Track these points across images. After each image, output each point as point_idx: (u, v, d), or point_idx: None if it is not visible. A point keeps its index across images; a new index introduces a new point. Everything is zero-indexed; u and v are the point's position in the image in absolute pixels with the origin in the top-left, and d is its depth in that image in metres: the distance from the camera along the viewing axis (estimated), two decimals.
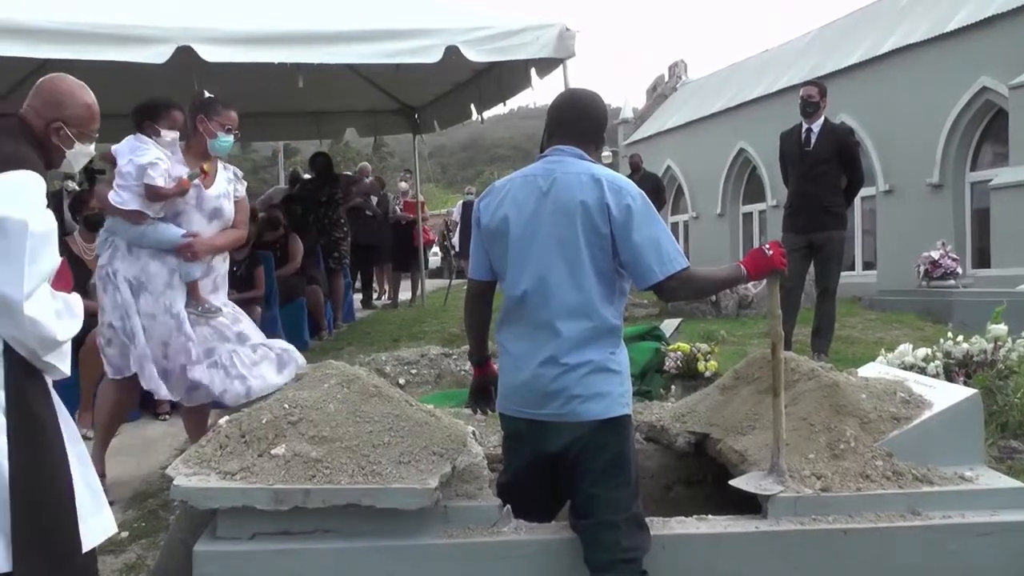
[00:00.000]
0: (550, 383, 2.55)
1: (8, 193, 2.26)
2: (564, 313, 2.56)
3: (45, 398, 2.33)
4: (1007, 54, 10.54)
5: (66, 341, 2.35)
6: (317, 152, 10.37)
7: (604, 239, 2.55)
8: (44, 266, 2.26)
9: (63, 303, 2.35)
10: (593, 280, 2.56)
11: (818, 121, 6.34)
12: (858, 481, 2.75)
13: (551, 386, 2.55)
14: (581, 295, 2.56)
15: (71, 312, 2.38)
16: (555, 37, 6.08)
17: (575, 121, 2.73)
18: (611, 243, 2.55)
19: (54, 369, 2.35)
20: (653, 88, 22.62)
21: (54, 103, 2.54)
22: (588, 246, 2.55)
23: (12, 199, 2.24)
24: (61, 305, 2.34)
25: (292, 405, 2.71)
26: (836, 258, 6.38)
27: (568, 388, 2.54)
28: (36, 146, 2.48)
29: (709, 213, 17.73)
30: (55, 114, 2.53)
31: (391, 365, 5.84)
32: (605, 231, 2.54)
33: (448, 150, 57.33)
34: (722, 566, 2.63)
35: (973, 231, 11.63)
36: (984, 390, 3.99)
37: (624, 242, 2.54)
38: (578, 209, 2.55)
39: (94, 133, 2.64)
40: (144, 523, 3.80)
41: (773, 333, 2.86)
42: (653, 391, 5.14)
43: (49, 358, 2.30)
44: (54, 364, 2.33)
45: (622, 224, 2.53)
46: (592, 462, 2.55)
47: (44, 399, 2.33)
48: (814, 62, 14.91)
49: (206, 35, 5.23)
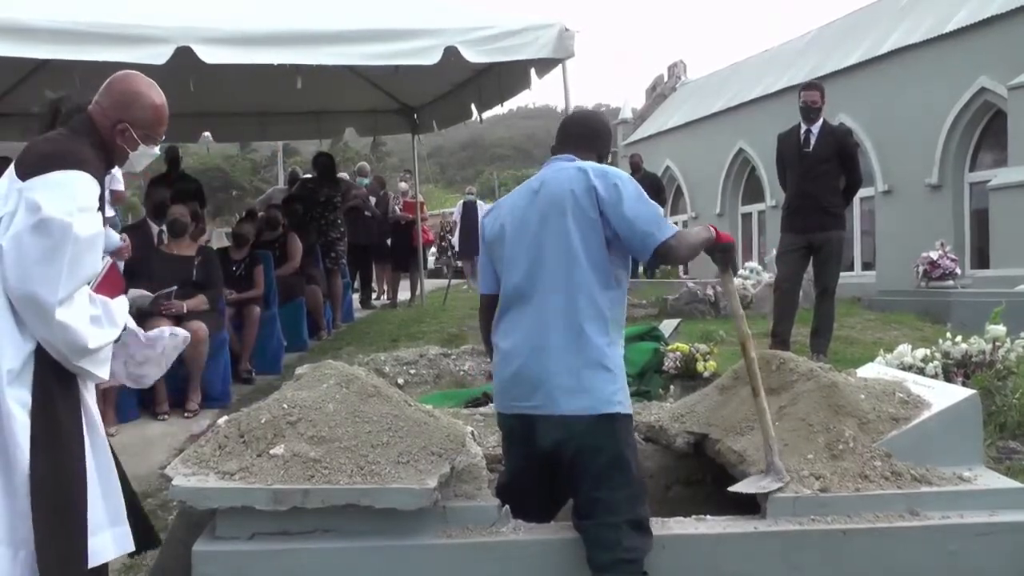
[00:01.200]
0: (538, 371, 2.58)
1: (56, 193, 2.20)
2: (554, 300, 2.60)
3: (72, 404, 2.28)
4: (1006, 54, 10.54)
5: (100, 348, 2.29)
6: (320, 152, 10.38)
7: (595, 223, 2.60)
8: (84, 271, 2.21)
9: (102, 309, 2.30)
10: (585, 267, 2.60)
11: (817, 123, 6.35)
12: (857, 481, 2.76)
13: (539, 374, 2.57)
14: (571, 283, 2.59)
15: (111, 319, 2.33)
16: (554, 37, 6.08)
17: (575, 134, 2.86)
18: (603, 227, 2.60)
19: (89, 374, 2.30)
20: (652, 88, 22.61)
21: (122, 103, 2.46)
22: (579, 231, 2.60)
23: (59, 199, 2.19)
24: (99, 311, 2.28)
25: (291, 405, 2.70)
26: (835, 258, 6.38)
27: (554, 376, 2.55)
28: (100, 146, 2.43)
29: (708, 213, 17.72)
30: (122, 115, 2.45)
31: (390, 365, 5.84)
32: (594, 215, 2.59)
33: (447, 150, 57.29)
34: (721, 566, 2.63)
35: (972, 231, 11.63)
36: (983, 391, 3.99)
37: (617, 218, 2.58)
38: (567, 198, 2.62)
39: (160, 135, 2.58)
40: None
41: (740, 333, 2.92)
42: (652, 391, 5.14)
43: (83, 363, 2.26)
44: (88, 369, 2.28)
45: (613, 202, 2.58)
46: (589, 463, 2.55)
47: (71, 405, 2.27)
48: (813, 62, 14.91)
49: (205, 35, 5.23)
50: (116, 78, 2.52)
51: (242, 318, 6.62)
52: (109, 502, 2.37)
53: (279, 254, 7.75)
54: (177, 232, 5.99)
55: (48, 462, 2.18)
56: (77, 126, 2.43)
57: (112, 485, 2.41)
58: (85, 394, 2.35)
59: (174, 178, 8.62)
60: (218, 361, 5.89)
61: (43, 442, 2.18)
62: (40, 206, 2.17)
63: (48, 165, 2.25)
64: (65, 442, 2.24)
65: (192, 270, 5.87)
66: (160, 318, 5.48)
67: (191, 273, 5.85)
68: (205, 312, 5.74)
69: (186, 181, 8.60)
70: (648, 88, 22.90)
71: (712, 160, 17.32)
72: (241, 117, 10.26)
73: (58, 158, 2.27)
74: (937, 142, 11.73)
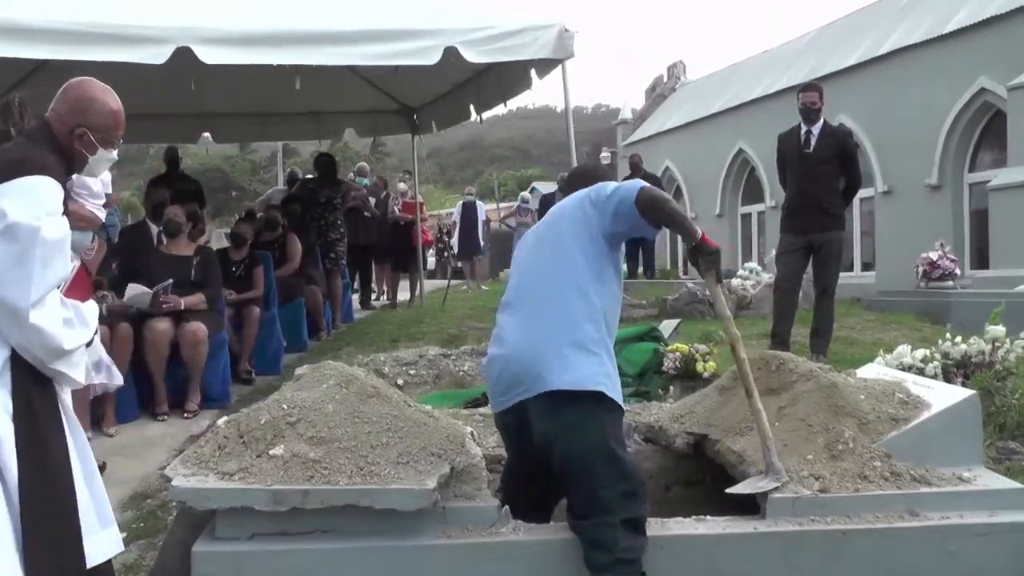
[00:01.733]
0: (527, 360, 2.64)
1: (22, 199, 2.23)
2: (547, 295, 2.72)
3: (51, 408, 2.30)
4: (1006, 55, 10.54)
5: (74, 350, 2.31)
6: (322, 153, 10.37)
7: (586, 215, 2.75)
8: (55, 274, 2.23)
9: (74, 312, 2.32)
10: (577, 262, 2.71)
11: (818, 123, 6.35)
12: (856, 482, 2.76)
13: (529, 362, 2.63)
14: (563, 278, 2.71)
15: (82, 321, 2.35)
16: (554, 38, 6.08)
17: (579, 174, 3.17)
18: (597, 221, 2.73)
19: (64, 377, 2.32)
20: (652, 88, 22.61)
21: (79, 109, 2.49)
22: (572, 229, 2.75)
23: (26, 205, 2.21)
24: (71, 314, 2.30)
25: (290, 406, 2.70)
26: (835, 259, 6.39)
27: (541, 362, 2.61)
28: (59, 151, 2.45)
29: (708, 214, 17.72)
30: (79, 119, 2.48)
31: (389, 366, 5.83)
32: (587, 210, 2.76)
33: (447, 151, 57.28)
34: (721, 567, 2.63)
35: (972, 232, 11.63)
36: (982, 391, 3.99)
37: (609, 199, 2.73)
38: (566, 209, 2.84)
39: (118, 139, 2.60)
40: (143, 524, 3.80)
41: (730, 335, 2.94)
42: (652, 392, 5.14)
43: (57, 366, 2.27)
44: (63, 372, 2.30)
45: (606, 195, 2.73)
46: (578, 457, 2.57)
47: (50, 409, 2.29)
48: (813, 63, 14.91)
49: (205, 36, 5.23)
50: (72, 84, 2.56)
51: (242, 319, 6.62)
52: (97, 504, 2.38)
53: (279, 255, 7.75)
54: (171, 232, 6.02)
55: (34, 467, 2.20)
56: (35, 134, 2.47)
57: (97, 487, 2.42)
58: (63, 397, 2.38)
59: (174, 179, 8.64)
60: (218, 362, 5.89)
61: (27, 447, 2.20)
62: (6, 212, 2.20)
63: (11, 172, 2.28)
64: (49, 447, 2.25)
65: (191, 270, 5.89)
66: (162, 319, 5.49)
67: (189, 273, 5.86)
68: (204, 312, 5.75)
69: (186, 182, 8.61)
70: (648, 88, 22.91)
71: (712, 160, 17.33)
72: (241, 117, 10.27)
73: (21, 165, 2.30)
74: (937, 142, 11.73)
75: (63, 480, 2.26)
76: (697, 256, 2.79)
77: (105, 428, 5.20)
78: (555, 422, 2.59)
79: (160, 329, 5.45)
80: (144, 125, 10.17)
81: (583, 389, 2.58)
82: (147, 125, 10.18)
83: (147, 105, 9.23)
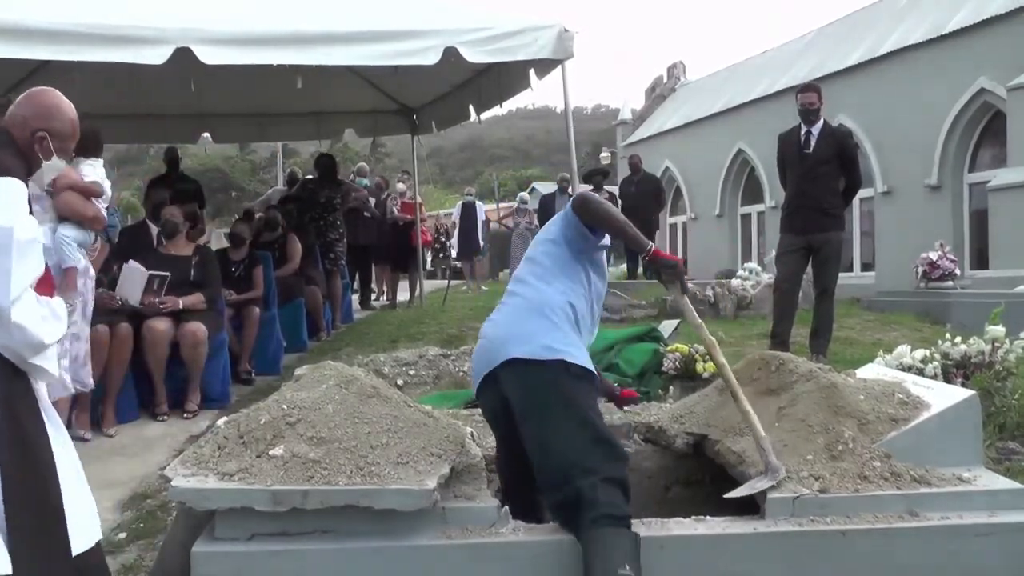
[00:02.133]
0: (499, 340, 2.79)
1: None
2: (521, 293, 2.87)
3: (31, 403, 2.34)
4: (1006, 55, 10.55)
5: (52, 344, 2.36)
6: (323, 153, 10.37)
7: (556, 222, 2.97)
8: (29, 272, 2.27)
9: (48, 308, 2.36)
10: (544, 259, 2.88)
11: (818, 124, 6.35)
12: (856, 482, 2.76)
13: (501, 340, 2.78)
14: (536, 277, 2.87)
15: (56, 316, 2.39)
16: (554, 38, 6.08)
17: None
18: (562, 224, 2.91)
19: (41, 371, 2.36)
20: (652, 89, 22.60)
21: (43, 115, 2.58)
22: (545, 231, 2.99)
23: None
24: (46, 310, 2.35)
25: (290, 406, 2.70)
26: (834, 259, 6.39)
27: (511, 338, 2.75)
28: (18, 155, 2.50)
29: (708, 214, 17.73)
30: (42, 124, 2.56)
31: (389, 366, 5.84)
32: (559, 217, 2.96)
33: (446, 151, 57.30)
34: (720, 567, 2.63)
35: (971, 232, 11.64)
36: (982, 391, 3.99)
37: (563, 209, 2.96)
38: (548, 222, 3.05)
39: (70, 151, 2.71)
40: (142, 524, 3.79)
41: (706, 342, 3.02)
42: (651, 392, 5.14)
43: (35, 360, 2.31)
44: (41, 366, 2.34)
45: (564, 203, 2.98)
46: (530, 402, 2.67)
47: (30, 405, 2.33)
48: (813, 63, 14.92)
49: (205, 36, 5.23)
50: (35, 92, 2.64)
51: (241, 319, 6.62)
52: (80, 497, 2.40)
53: (278, 255, 7.75)
54: (169, 233, 6.03)
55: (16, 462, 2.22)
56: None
57: (82, 482, 2.44)
58: (42, 392, 2.41)
59: (173, 179, 8.64)
60: (217, 362, 5.89)
61: (8, 441, 2.22)
62: None
63: None
64: (30, 441, 2.28)
65: (190, 270, 5.89)
66: (162, 319, 5.49)
67: (189, 273, 5.86)
68: (204, 312, 5.75)
69: (185, 182, 8.61)
70: (647, 89, 22.90)
71: (711, 161, 17.32)
72: (240, 118, 10.27)
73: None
74: (936, 143, 11.74)
75: (45, 471, 2.29)
76: (659, 270, 2.87)
77: (105, 428, 5.20)
78: (522, 385, 2.69)
79: (160, 329, 5.45)
80: (144, 125, 10.19)
81: (546, 358, 2.68)
82: (147, 125, 10.20)
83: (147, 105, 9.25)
